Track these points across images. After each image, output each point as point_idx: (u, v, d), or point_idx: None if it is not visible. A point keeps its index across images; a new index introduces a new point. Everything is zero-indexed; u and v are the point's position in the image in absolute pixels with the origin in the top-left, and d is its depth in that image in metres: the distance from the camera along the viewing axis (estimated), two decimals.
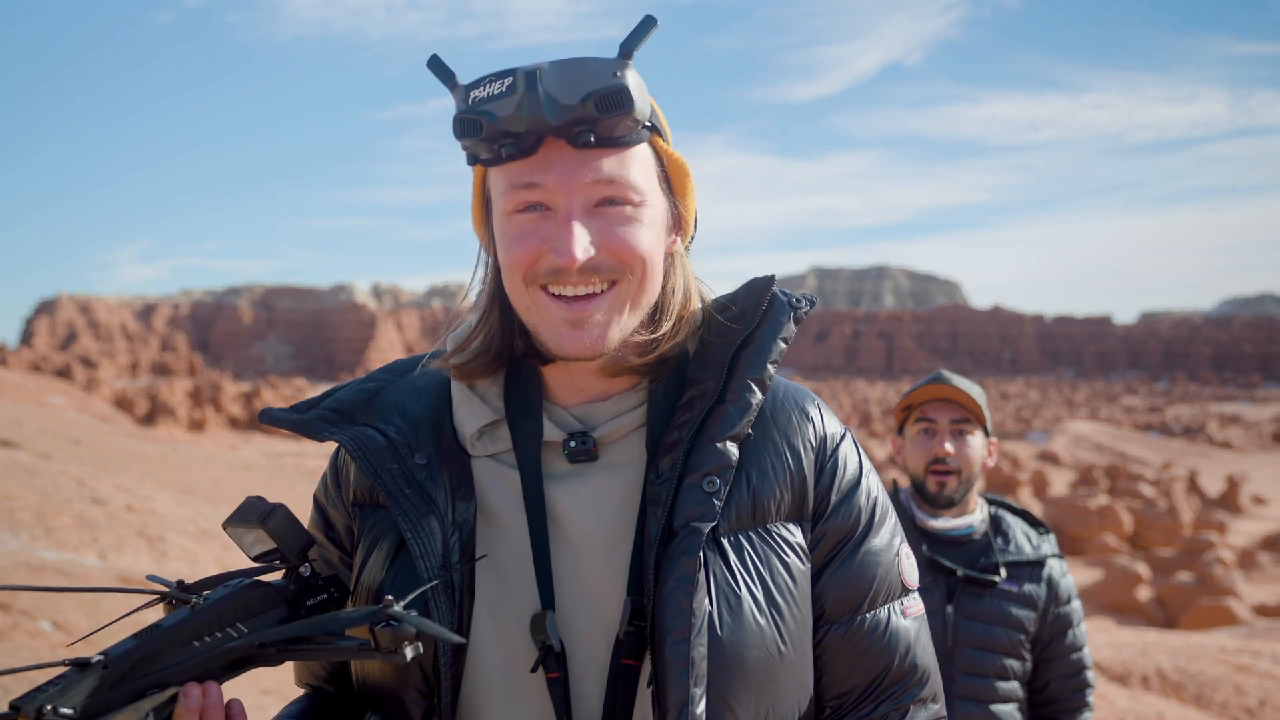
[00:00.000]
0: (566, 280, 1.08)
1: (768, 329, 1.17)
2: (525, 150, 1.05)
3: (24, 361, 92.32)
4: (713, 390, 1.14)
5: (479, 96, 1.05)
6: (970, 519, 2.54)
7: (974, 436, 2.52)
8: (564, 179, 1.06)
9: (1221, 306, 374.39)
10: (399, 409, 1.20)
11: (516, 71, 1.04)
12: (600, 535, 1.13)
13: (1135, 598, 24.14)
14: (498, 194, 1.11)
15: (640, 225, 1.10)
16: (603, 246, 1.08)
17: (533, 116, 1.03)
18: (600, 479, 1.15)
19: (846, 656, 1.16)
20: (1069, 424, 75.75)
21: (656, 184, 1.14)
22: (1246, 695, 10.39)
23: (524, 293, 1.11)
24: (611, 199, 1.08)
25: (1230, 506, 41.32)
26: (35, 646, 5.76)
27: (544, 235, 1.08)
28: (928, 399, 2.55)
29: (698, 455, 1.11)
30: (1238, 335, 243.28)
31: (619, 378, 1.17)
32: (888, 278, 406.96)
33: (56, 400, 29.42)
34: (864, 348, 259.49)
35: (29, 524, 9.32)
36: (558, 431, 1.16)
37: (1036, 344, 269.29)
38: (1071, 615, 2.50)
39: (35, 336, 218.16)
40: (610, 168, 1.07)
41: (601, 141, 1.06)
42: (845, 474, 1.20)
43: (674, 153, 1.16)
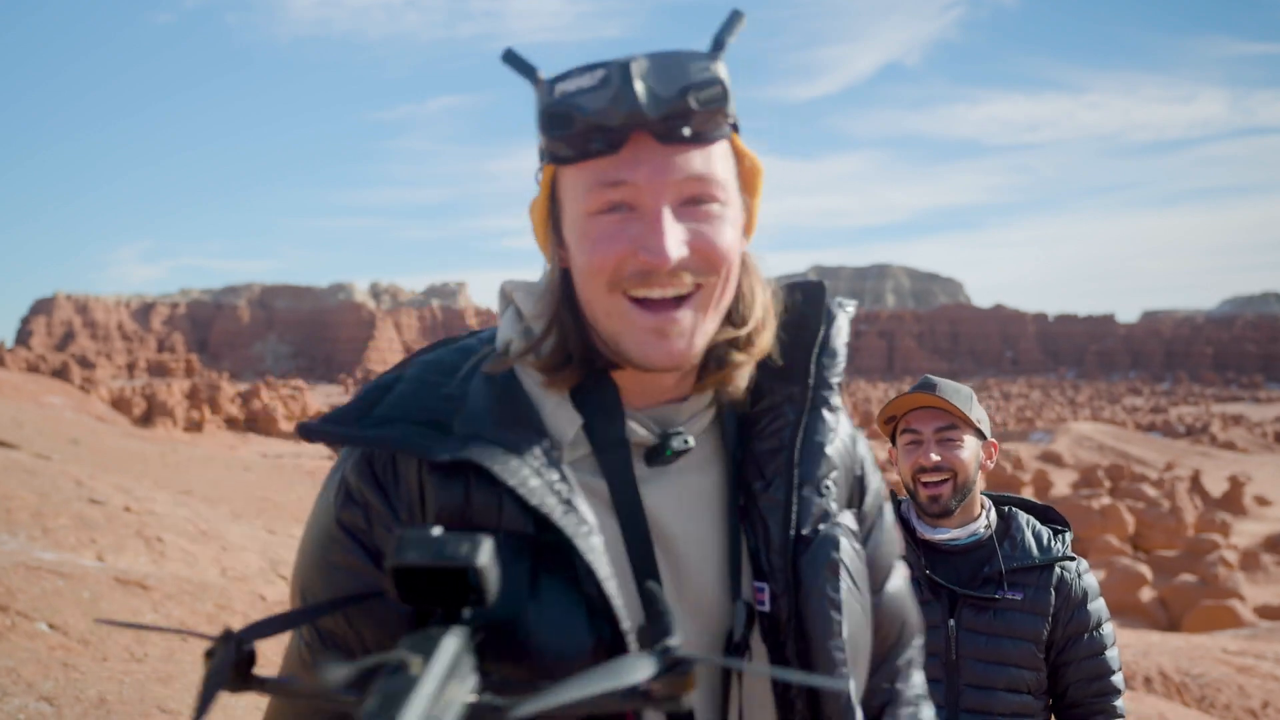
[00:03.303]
0: (654, 282, 1.03)
1: (835, 332, 1.19)
2: (614, 145, 1.01)
3: (21, 361, 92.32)
4: (800, 395, 1.15)
5: (567, 90, 1.00)
6: (974, 526, 2.44)
7: (964, 441, 2.41)
8: (654, 175, 1.01)
9: (1223, 306, 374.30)
10: (492, 417, 1.08)
11: (610, 64, 1.00)
12: (695, 539, 1.12)
13: (1138, 599, 24.11)
14: (577, 194, 1.05)
15: (726, 224, 1.06)
16: (692, 246, 1.03)
17: (629, 110, 0.98)
18: (686, 480, 1.13)
19: (881, 623, 1.25)
20: (1071, 424, 75.73)
21: (735, 183, 1.10)
22: (1250, 697, 10.36)
23: (605, 299, 1.05)
24: (699, 197, 1.04)
25: (1233, 507, 41.28)
26: (33, 648, 5.72)
27: (630, 236, 1.02)
28: (909, 409, 2.45)
29: (809, 462, 1.13)
30: (1240, 335, 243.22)
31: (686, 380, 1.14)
32: (889, 277, 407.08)
33: (54, 400, 29.41)
34: (865, 347, 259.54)
35: (27, 524, 9.28)
36: (648, 433, 1.11)
37: (1038, 343, 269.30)
38: (1089, 617, 2.38)
39: (32, 336, 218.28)
40: (699, 164, 1.03)
41: (694, 137, 1.02)
42: (867, 460, 1.27)
43: (750, 152, 1.12)
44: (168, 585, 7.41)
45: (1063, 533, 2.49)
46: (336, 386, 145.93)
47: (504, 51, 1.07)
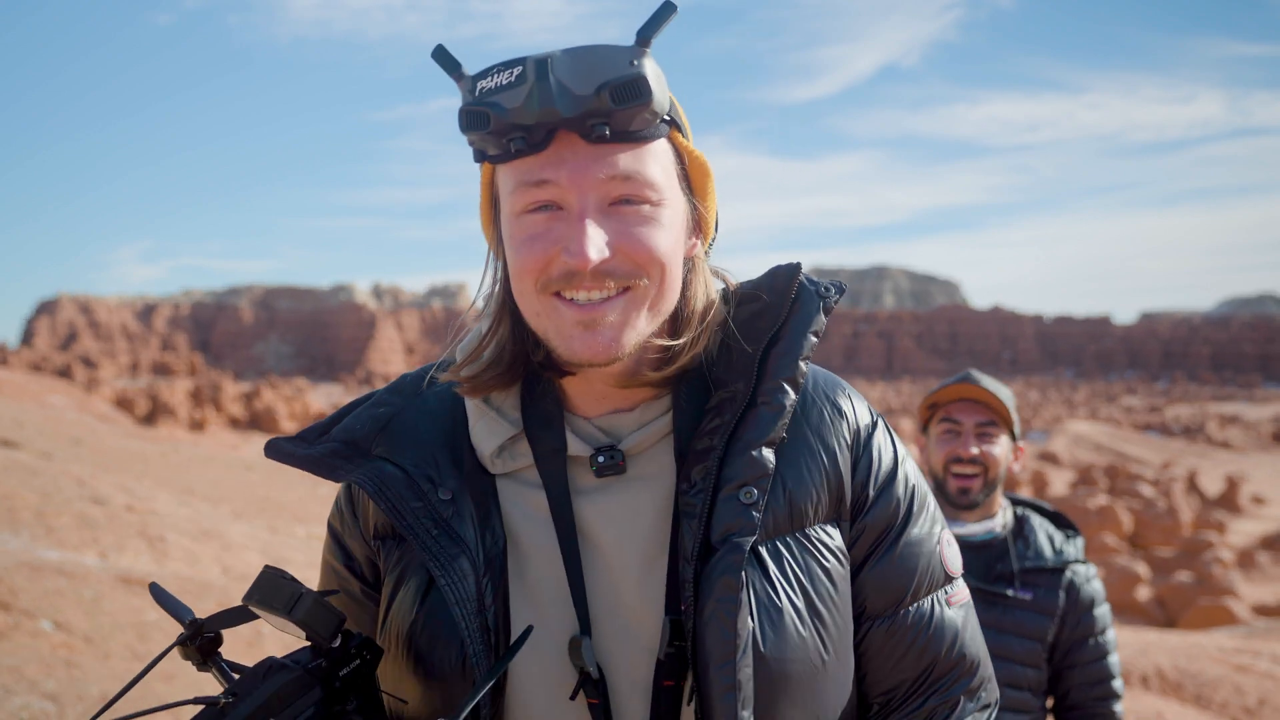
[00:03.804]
0: (579, 284, 1.00)
1: (797, 323, 1.10)
2: (536, 145, 0.97)
3: (24, 361, 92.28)
4: (743, 393, 1.07)
5: (486, 87, 0.97)
6: (991, 523, 2.47)
7: (999, 439, 2.45)
8: (577, 175, 0.98)
9: (1221, 307, 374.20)
10: (413, 437, 1.12)
11: (526, 60, 0.96)
12: (634, 552, 1.06)
13: (1135, 597, 24.16)
14: (506, 192, 1.03)
15: (659, 226, 1.02)
16: (618, 248, 1.00)
17: (543, 108, 0.95)
18: (630, 493, 1.08)
19: (892, 652, 1.11)
20: (1069, 424, 75.75)
21: (676, 182, 1.05)
22: (1246, 695, 10.41)
23: (535, 298, 1.02)
24: (628, 197, 1.00)
25: (1229, 506, 41.32)
26: (36, 646, 5.77)
27: (556, 236, 0.99)
28: (954, 399, 2.47)
29: (732, 464, 1.03)
30: (1237, 335, 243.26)
31: (641, 389, 1.10)
32: (887, 278, 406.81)
33: (57, 400, 29.43)
34: (864, 348, 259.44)
35: (30, 523, 9.33)
36: (583, 445, 1.08)
37: (1036, 344, 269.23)
38: (1094, 622, 2.42)
39: (36, 336, 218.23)
40: (626, 164, 0.99)
41: (617, 135, 0.98)
42: (881, 465, 1.14)
43: (695, 150, 1.08)
44: (170, 584, 7.46)
45: (1074, 538, 2.53)
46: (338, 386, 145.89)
47: (434, 48, 1.03)
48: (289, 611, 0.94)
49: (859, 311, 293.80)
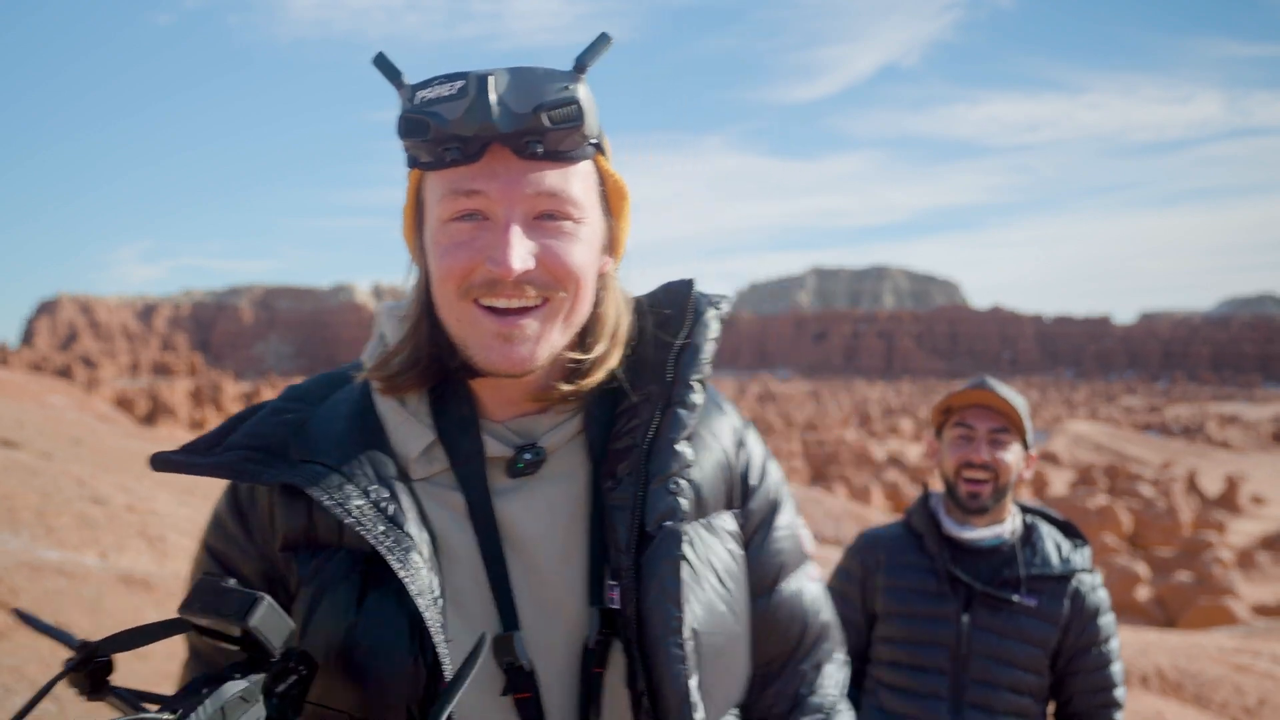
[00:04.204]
0: (500, 292, 1.05)
1: (700, 332, 1.19)
2: (470, 156, 1.02)
3: (25, 361, 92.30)
4: (658, 394, 1.15)
5: (427, 97, 1.02)
6: (1000, 529, 2.47)
7: (1012, 446, 2.46)
8: (507, 188, 1.03)
9: (1220, 307, 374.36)
10: (331, 440, 1.11)
11: (469, 75, 1.01)
12: (555, 547, 1.12)
13: (1134, 597, 24.17)
14: (434, 199, 1.07)
15: (578, 242, 1.08)
16: (540, 260, 1.05)
17: (482, 122, 1.00)
18: (546, 490, 1.14)
19: (773, 626, 1.25)
20: (1068, 424, 75.76)
21: (597, 202, 1.12)
22: (1246, 695, 10.42)
23: (455, 305, 1.07)
24: (552, 213, 1.06)
25: (1229, 506, 41.32)
26: (36, 646, 5.77)
27: (480, 245, 1.04)
28: (969, 404, 2.48)
29: (659, 459, 1.12)
30: (1237, 335, 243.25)
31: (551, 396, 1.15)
32: (887, 278, 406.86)
33: (57, 400, 29.41)
34: (864, 348, 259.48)
35: (30, 523, 9.33)
36: (503, 447, 1.13)
37: (1036, 344, 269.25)
38: (1098, 631, 2.43)
39: (36, 336, 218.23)
40: (554, 181, 1.05)
41: (549, 154, 1.04)
42: (756, 458, 1.27)
43: (615, 173, 1.14)
44: (170, 584, 7.46)
45: (1082, 547, 2.54)
46: None
47: (375, 55, 1.07)
48: (243, 618, 0.86)
49: (859, 311, 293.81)
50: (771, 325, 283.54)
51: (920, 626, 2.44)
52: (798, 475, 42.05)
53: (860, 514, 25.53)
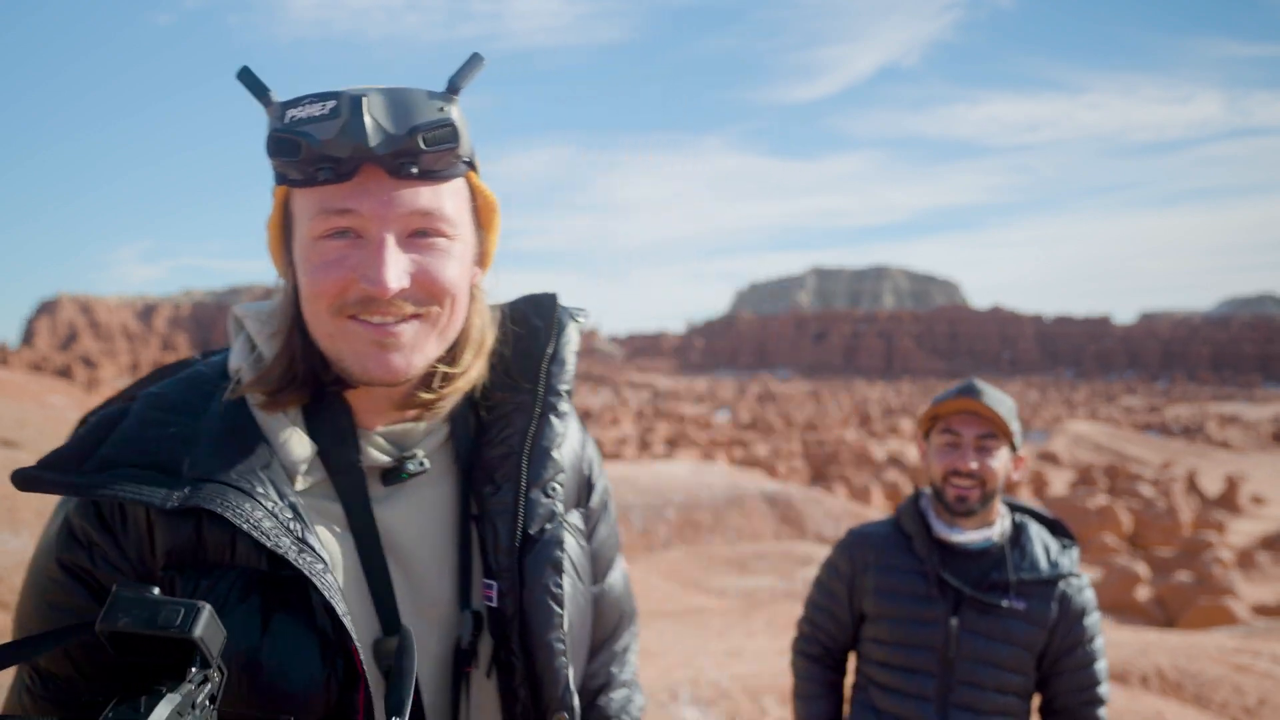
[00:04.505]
0: (375, 310, 1.06)
1: (565, 343, 1.25)
2: (343, 175, 1.02)
3: (25, 361, 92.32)
4: (529, 403, 1.21)
5: (297, 116, 1.01)
6: (989, 531, 2.50)
7: (998, 452, 2.47)
8: (381, 208, 1.04)
9: (1220, 307, 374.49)
10: (226, 457, 1.06)
11: (341, 95, 1.02)
12: (430, 551, 1.17)
13: (1134, 597, 24.17)
14: (304, 217, 1.06)
15: (451, 258, 1.09)
16: (415, 278, 1.07)
17: (356, 143, 1.00)
18: (420, 497, 1.17)
19: (601, 612, 1.36)
20: (1068, 424, 75.75)
21: (468, 218, 1.13)
22: (1246, 695, 10.42)
23: (329, 321, 1.07)
24: (425, 230, 1.07)
25: (1229, 506, 41.33)
26: None
27: (353, 263, 1.05)
28: (955, 411, 2.50)
29: (535, 465, 1.18)
30: (1237, 335, 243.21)
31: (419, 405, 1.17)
32: (887, 278, 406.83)
33: (57, 400, 29.41)
34: (863, 348, 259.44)
35: (30, 523, 9.34)
36: (381, 456, 1.14)
37: (1036, 344, 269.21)
38: (1084, 631, 2.46)
39: (36, 336, 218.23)
40: (427, 200, 1.06)
41: (423, 174, 1.05)
42: (596, 460, 1.37)
43: (486, 189, 1.16)
44: None
45: (1070, 548, 2.56)
46: None
47: (239, 70, 1.06)
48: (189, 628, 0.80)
49: (859, 311, 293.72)
50: (771, 325, 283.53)
51: (909, 629, 2.47)
52: (798, 475, 42.05)
53: (860, 514, 25.53)
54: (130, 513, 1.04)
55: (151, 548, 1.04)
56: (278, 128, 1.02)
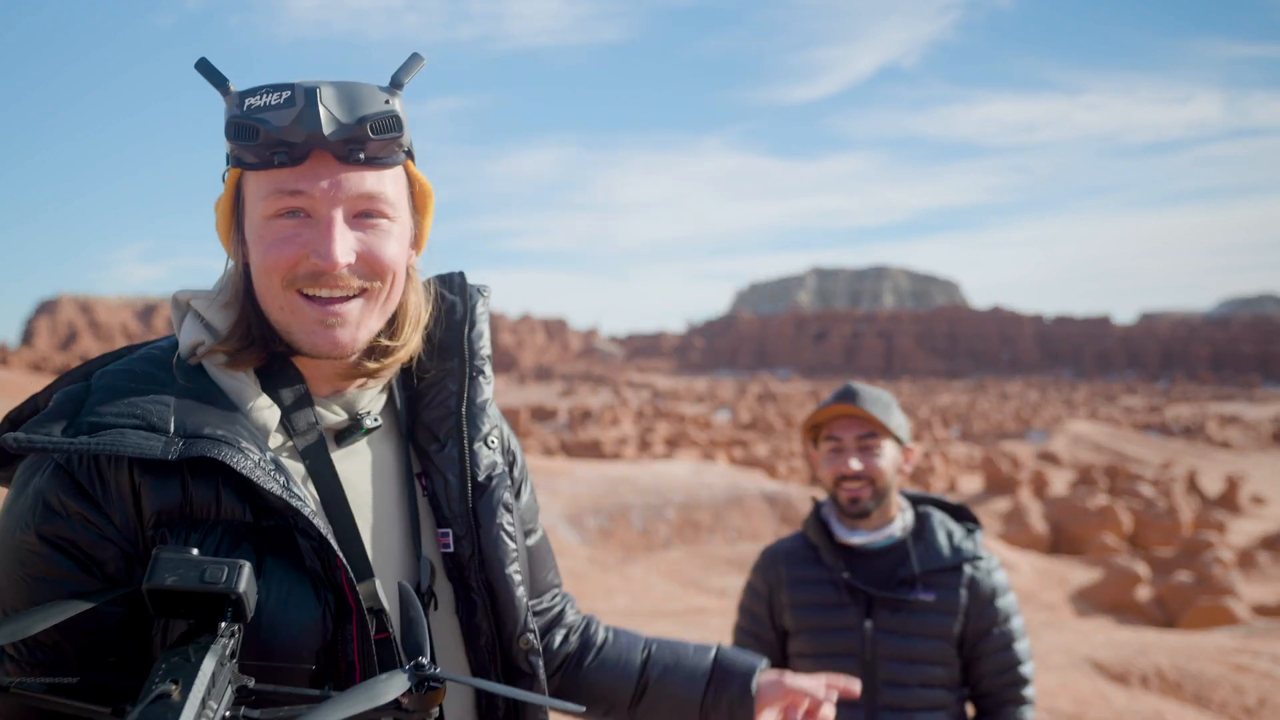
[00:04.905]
0: (323, 284, 1.16)
1: (479, 314, 1.38)
2: (296, 159, 1.13)
3: (24, 361, 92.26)
4: (459, 369, 1.35)
5: (255, 104, 1.12)
6: (890, 529, 2.53)
7: (883, 449, 2.50)
8: (330, 190, 1.15)
9: (1220, 307, 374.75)
10: (208, 417, 1.13)
11: (296, 86, 1.12)
12: (381, 502, 1.28)
13: (1134, 597, 24.16)
14: (257, 198, 1.16)
15: (392, 238, 1.21)
16: (360, 255, 1.17)
17: (310, 130, 1.11)
18: (370, 456, 1.29)
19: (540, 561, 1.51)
20: (1068, 424, 75.72)
21: (407, 202, 1.25)
22: (1245, 695, 10.42)
23: (280, 295, 1.17)
24: (369, 212, 1.18)
25: (1229, 506, 41.31)
26: None
27: (303, 241, 1.15)
28: (833, 417, 2.54)
29: (474, 421, 1.33)
30: (1236, 335, 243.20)
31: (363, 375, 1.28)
32: (887, 278, 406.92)
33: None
34: (863, 348, 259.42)
35: None
36: (335, 418, 1.26)
37: (1036, 344, 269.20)
38: (998, 613, 2.49)
39: (36, 336, 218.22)
40: (372, 184, 1.17)
41: (369, 160, 1.16)
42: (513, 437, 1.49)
43: (422, 177, 1.27)
44: None
45: (974, 531, 2.60)
46: None
47: (198, 60, 1.15)
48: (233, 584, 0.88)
49: (859, 311, 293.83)
50: (771, 325, 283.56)
51: (827, 638, 2.50)
52: (797, 475, 42.03)
53: None
54: (110, 477, 1.08)
55: (137, 509, 1.08)
56: (236, 115, 1.12)
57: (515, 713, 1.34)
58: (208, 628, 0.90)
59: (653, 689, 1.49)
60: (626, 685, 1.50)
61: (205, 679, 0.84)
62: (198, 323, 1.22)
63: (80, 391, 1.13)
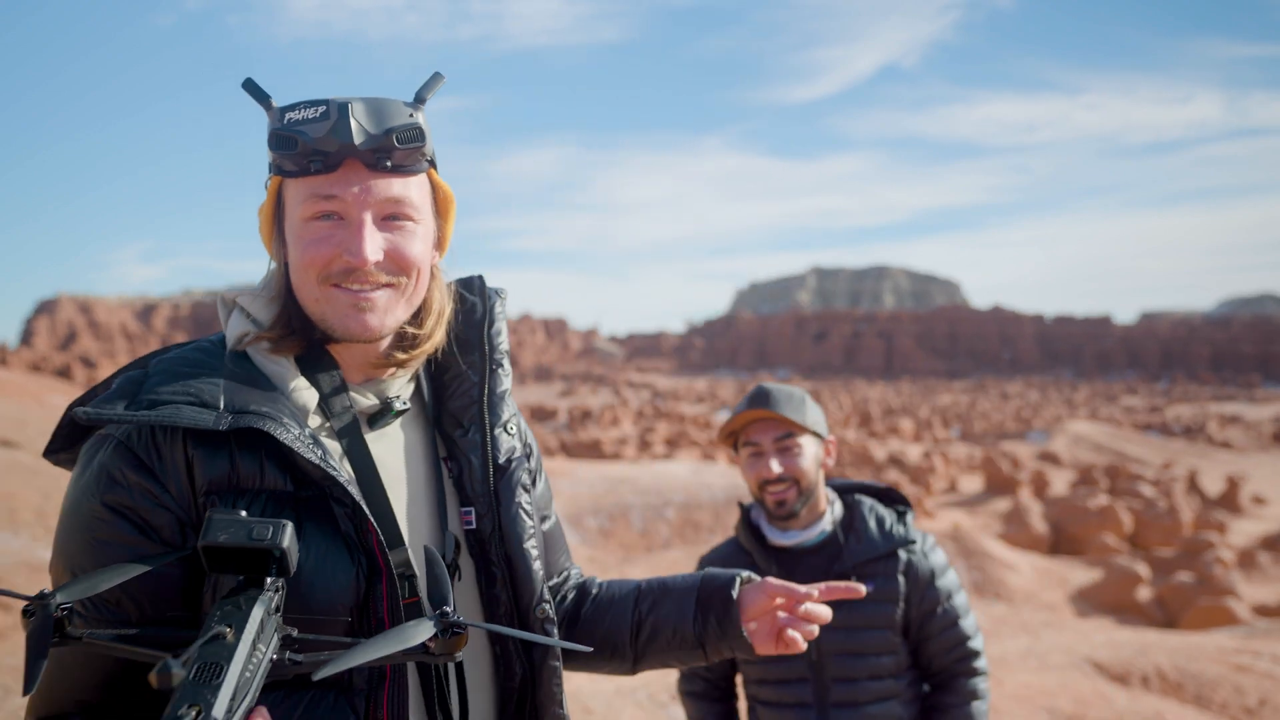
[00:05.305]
0: (354, 279, 1.29)
1: (498, 314, 1.51)
2: (330, 167, 1.26)
3: (24, 361, 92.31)
4: (480, 362, 1.47)
5: (294, 118, 1.25)
6: (821, 524, 2.51)
7: (803, 448, 2.48)
8: (361, 194, 1.28)
9: (1221, 307, 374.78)
10: (254, 397, 1.26)
11: (330, 102, 1.25)
12: (413, 485, 1.39)
13: (1135, 597, 24.16)
14: (295, 202, 1.30)
15: (416, 238, 1.34)
16: (387, 253, 1.30)
17: (343, 141, 1.24)
18: (399, 438, 1.41)
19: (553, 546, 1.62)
20: (1069, 424, 75.70)
21: (430, 207, 1.39)
22: (1246, 695, 10.42)
23: (316, 288, 1.30)
24: (396, 215, 1.31)
25: (1230, 506, 41.30)
26: None
27: (337, 240, 1.28)
28: (748, 422, 2.51)
29: (495, 409, 1.46)
30: (1237, 335, 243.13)
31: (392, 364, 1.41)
32: (887, 278, 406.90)
33: (57, 400, 29.39)
34: (864, 348, 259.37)
35: (30, 523, 9.33)
36: (367, 402, 1.37)
37: (1036, 344, 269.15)
38: (939, 593, 2.48)
39: (35, 336, 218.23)
40: (398, 189, 1.30)
41: (395, 168, 1.29)
42: (529, 431, 1.58)
43: (444, 184, 1.41)
44: None
45: (905, 514, 2.58)
46: None
47: (244, 81, 1.29)
48: (278, 540, 0.99)
49: (859, 311, 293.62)
50: (771, 325, 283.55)
51: None
52: None
53: None
54: (167, 452, 1.21)
55: (190, 480, 1.21)
56: (278, 127, 1.26)
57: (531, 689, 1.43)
58: (256, 583, 1.02)
59: (648, 622, 1.56)
60: (622, 623, 1.58)
61: (255, 624, 0.95)
62: (243, 316, 1.36)
63: (140, 375, 1.28)
